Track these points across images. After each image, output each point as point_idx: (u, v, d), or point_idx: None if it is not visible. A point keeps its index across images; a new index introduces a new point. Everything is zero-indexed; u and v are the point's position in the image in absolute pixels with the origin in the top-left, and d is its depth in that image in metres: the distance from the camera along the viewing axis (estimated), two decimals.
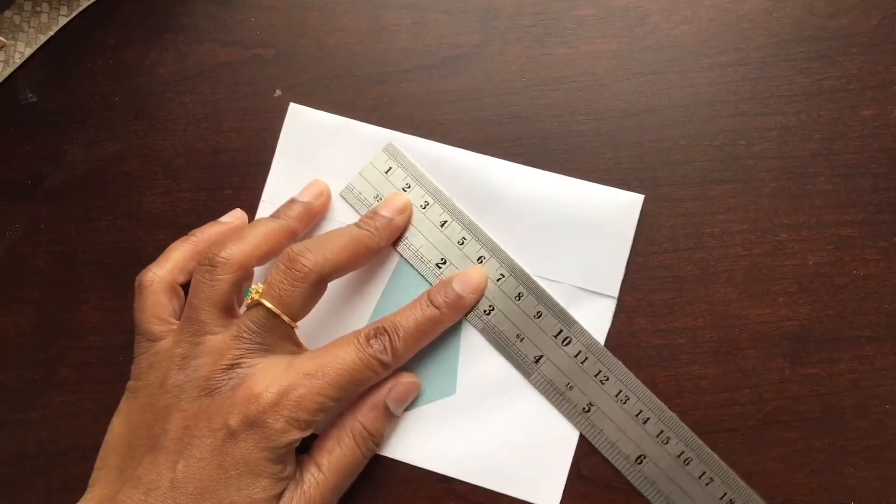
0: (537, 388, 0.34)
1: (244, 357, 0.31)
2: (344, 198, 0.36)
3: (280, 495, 0.31)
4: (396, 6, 0.37)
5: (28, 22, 0.37)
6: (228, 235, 0.33)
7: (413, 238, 0.35)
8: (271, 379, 0.30)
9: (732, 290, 0.35)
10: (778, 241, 0.35)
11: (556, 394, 0.33)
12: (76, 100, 0.37)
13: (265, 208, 0.36)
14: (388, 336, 0.32)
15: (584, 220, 0.34)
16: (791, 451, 0.34)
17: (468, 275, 0.34)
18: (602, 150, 0.35)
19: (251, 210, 0.37)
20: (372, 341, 0.32)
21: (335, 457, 0.32)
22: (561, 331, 0.34)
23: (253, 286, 0.32)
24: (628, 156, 0.35)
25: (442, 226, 0.35)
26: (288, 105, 0.36)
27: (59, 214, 0.37)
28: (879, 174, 0.35)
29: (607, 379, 0.33)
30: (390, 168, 0.35)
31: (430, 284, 0.35)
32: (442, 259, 0.35)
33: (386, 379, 0.33)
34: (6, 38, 0.36)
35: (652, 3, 0.36)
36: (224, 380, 0.31)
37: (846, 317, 0.34)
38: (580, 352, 0.34)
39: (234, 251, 0.32)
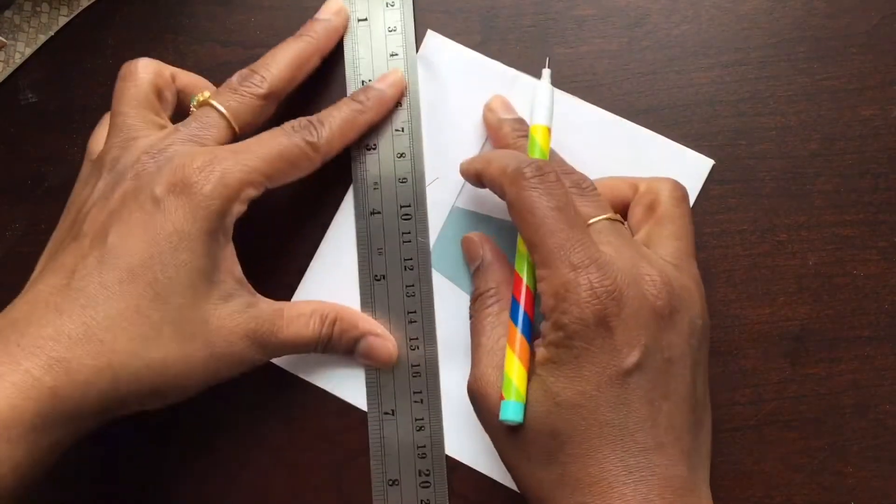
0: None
1: (174, 145, 0.30)
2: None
3: (226, 293, 0.30)
4: None
5: (28, 22, 0.37)
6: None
7: (358, 47, 0.36)
8: (198, 152, 0.30)
9: (732, 290, 0.35)
10: (778, 241, 0.35)
11: None
12: (76, 100, 0.37)
13: None
14: (314, 125, 0.32)
15: (649, 171, 0.34)
16: (791, 451, 0.34)
17: (386, 74, 0.35)
18: None
19: None
20: (296, 127, 0.32)
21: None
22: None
23: (200, 94, 0.32)
24: None
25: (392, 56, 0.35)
26: None
27: (59, 214, 0.37)
28: (879, 174, 0.35)
29: None
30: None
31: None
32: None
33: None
34: (6, 38, 0.36)
35: (652, 3, 0.36)
36: (150, 163, 0.29)
37: (846, 317, 0.34)
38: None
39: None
